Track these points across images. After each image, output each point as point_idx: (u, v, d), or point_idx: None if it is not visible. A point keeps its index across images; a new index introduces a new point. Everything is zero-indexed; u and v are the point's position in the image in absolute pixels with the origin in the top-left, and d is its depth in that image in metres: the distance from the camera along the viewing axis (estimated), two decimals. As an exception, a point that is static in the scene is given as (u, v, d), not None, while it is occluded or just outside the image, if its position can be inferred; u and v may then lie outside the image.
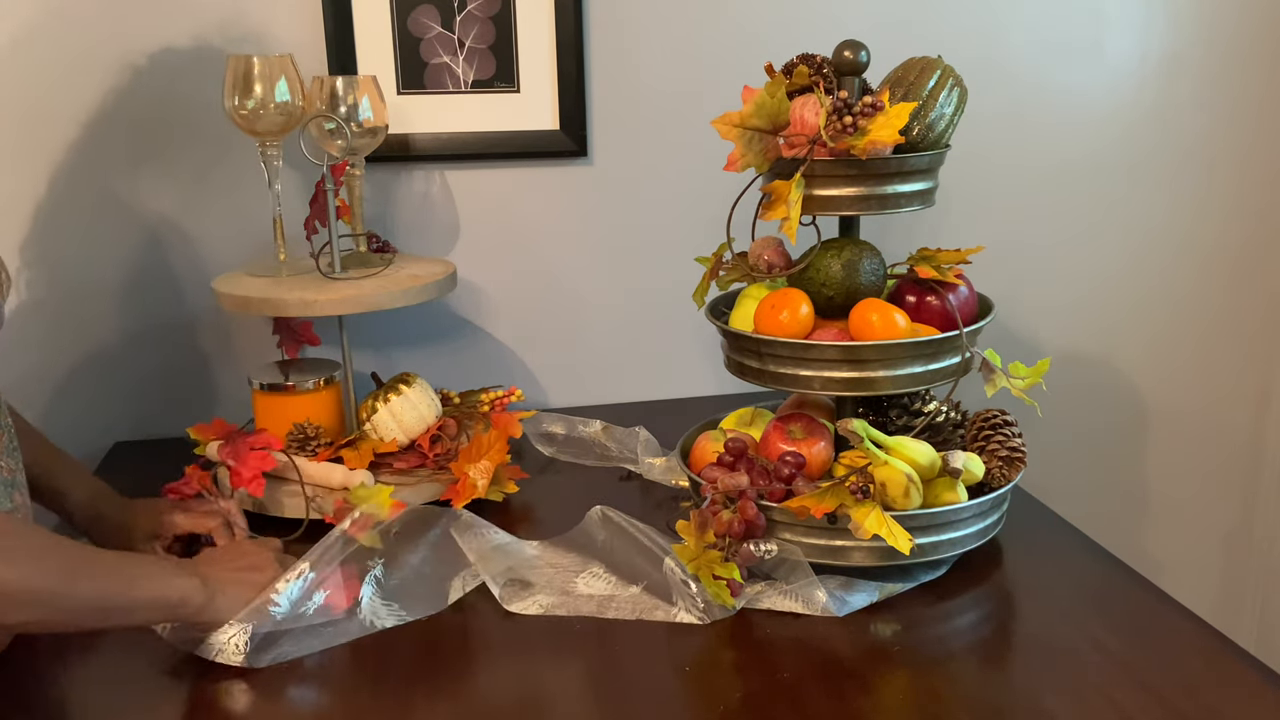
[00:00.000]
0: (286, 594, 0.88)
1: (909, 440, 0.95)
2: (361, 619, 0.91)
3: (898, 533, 0.89)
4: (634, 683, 0.82)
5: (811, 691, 0.80)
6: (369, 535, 0.97)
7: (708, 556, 0.92)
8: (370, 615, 0.91)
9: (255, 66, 1.10)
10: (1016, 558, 1.02)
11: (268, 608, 0.86)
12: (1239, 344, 1.66)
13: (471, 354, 1.43)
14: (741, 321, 1.05)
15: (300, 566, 0.90)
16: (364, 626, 0.90)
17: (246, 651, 0.84)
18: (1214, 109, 1.54)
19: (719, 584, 0.91)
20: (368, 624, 0.90)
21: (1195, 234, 1.59)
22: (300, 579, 0.89)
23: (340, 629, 0.89)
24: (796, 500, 0.92)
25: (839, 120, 0.94)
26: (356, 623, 0.90)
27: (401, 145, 1.32)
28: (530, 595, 0.94)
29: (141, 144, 1.28)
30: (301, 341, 1.28)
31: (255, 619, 0.85)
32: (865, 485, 0.91)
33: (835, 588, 0.93)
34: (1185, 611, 0.91)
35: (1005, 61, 1.46)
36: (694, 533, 0.94)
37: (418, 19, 1.29)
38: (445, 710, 0.80)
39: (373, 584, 0.94)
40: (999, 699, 0.80)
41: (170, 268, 1.32)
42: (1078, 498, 1.65)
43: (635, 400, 1.49)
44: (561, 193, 1.40)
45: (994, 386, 0.95)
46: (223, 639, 0.84)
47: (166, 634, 0.85)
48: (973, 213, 1.50)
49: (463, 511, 1.03)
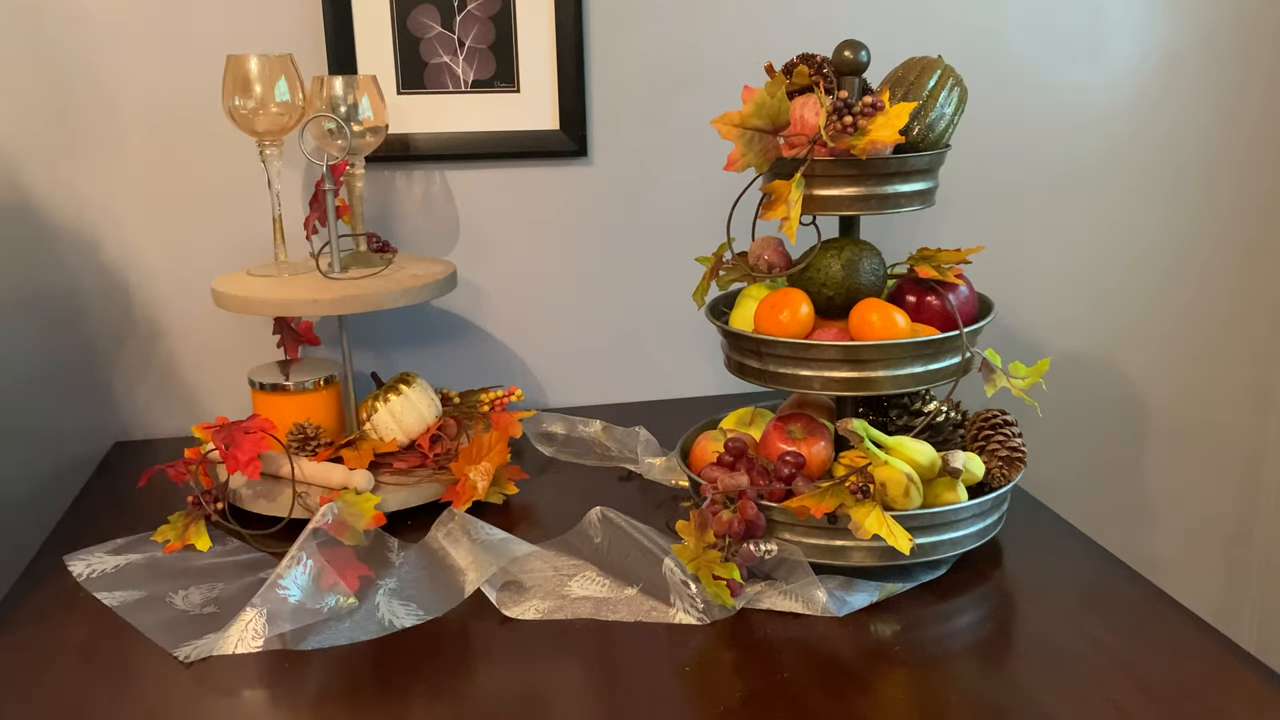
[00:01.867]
0: (291, 578, 0.90)
1: (909, 440, 0.95)
2: (380, 619, 0.91)
3: (898, 532, 0.89)
4: (634, 683, 0.82)
5: (811, 691, 0.80)
6: (351, 535, 0.98)
7: (708, 556, 0.92)
8: (389, 615, 0.92)
9: (255, 66, 1.10)
10: (1016, 558, 1.02)
11: (276, 590, 0.89)
12: (1239, 344, 1.66)
13: (471, 354, 1.43)
14: (741, 321, 1.05)
15: (294, 554, 0.92)
16: (384, 626, 0.90)
17: (265, 635, 0.86)
18: (1214, 109, 1.54)
19: (719, 584, 0.91)
20: (387, 624, 0.90)
21: (1195, 233, 1.59)
22: (300, 565, 0.91)
23: (360, 627, 0.90)
24: (796, 500, 0.92)
25: (839, 120, 0.94)
26: (376, 622, 0.91)
27: (401, 145, 1.32)
28: (526, 600, 0.94)
29: (141, 143, 1.28)
30: (301, 341, 1.28)
31: (267, 603, 0.88)
32: (865, 485, 0.91)
33: (835, 588, 0.93)
34: (1185, 611, 0.91)
35: (1005, 61, 1.46)
36: (694, 533, 0.94)
37: (418, 19, 1.29)
38: (445, 711, 0.80)
39: (387, 591, 0.95)
40: (999, 699, 0.80)
41: (170, 268, 1.32)
42: (1078, 498, 1.66)
43: (635, 400, 1.49)
44: (561, 193, 1.40)
45: (994, 386, 0.95)
46: (238, 628, 0.87)
47: (190, 658, 0.86)
48: (973, 213, 1.50)
49: (455, 513, 1.03)
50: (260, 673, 0.84)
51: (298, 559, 0.93)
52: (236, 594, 0.95)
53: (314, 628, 0.89)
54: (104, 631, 0.90)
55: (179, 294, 1.33)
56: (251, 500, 1.10)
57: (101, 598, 0.95)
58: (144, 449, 1.32)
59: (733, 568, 0.91)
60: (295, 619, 0.89)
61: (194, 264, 1.33)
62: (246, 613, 0.88)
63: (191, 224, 1.31)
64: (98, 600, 0.95)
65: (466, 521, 1.02)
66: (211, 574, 0.99)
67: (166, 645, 0.87)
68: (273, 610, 0.88)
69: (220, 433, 1.06)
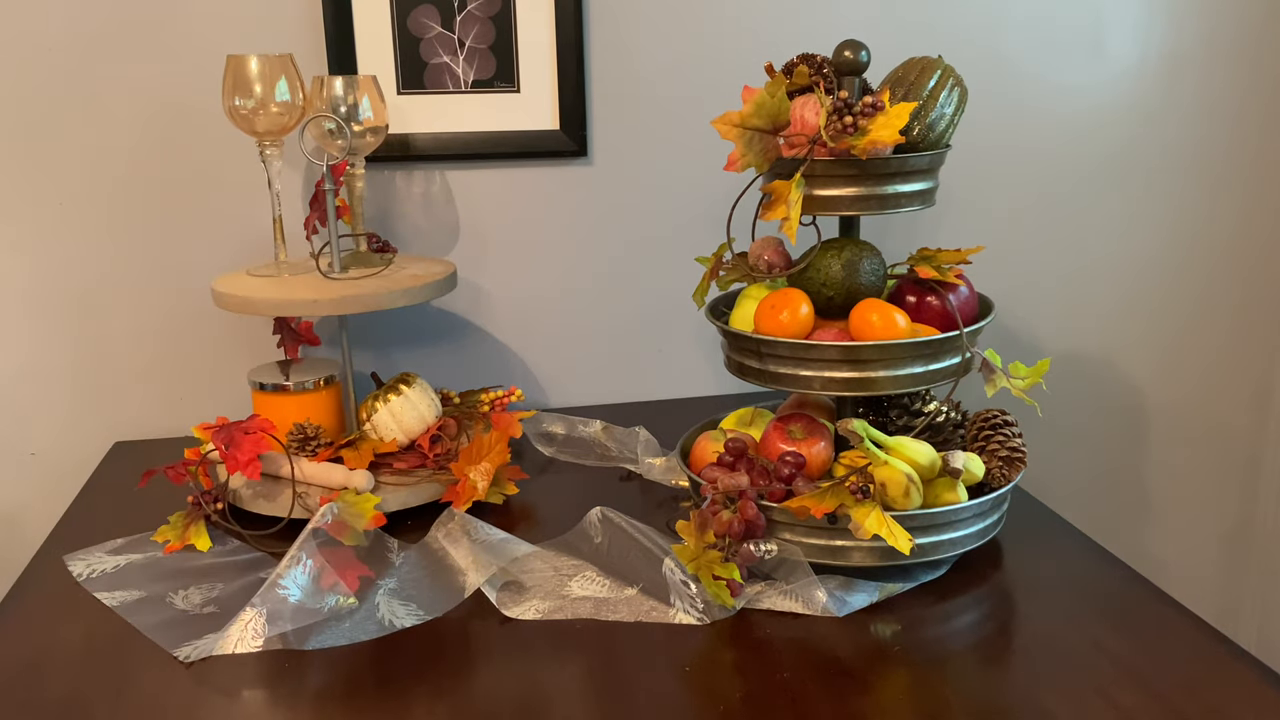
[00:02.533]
0: (291, 578, 0.90)
1: (909, 440, 0.95)
2: (380, 619, 0.91)
3: (898, 532, 0.89)
4: (634, 683, 0.82)
5: (811, 691, 0.80)
6: (351, 535, 0.99)
7: (708, 557, 0.92)
8: (389, 615, 0.92)
9: (255, 66, 1.10)
10: (1016, 558, 1.02)
11: (276, 590, 0.89)
12: (1240, 343, 1.66)
13: (471, 354, 1.43)
14: (741, 321, 1.05)
15: (293, 554, 0.93)
16: (383, 626, 0.90)
17: (265, 635, 0.87)
18: (1214, 109, 1.54)
19: (719, 584, 0.91)
20: (387, 624, 0.91)
21: (1195, 233, 1.59)
22: (300, 565, 0.92)
23: (360, 627, 0.90)
24: (796, 500, 0.92)
25: (839, 120, 0.94)
26: (376, 622, 0.91)
27: (401, 145, 1.32)
28: (526, 600, 0.94)
29: (141, 143, 1.28)
30: (301, 341, 1.28)
31: (267, 602, 0.88)
32: (865, 485, 0.91)
33: (835, 588, 0.93)
34: (1185, 611, 0.91)
35: (1005, 61, 1.46)
36: (694, 533, 0.94)
37: (418, 19, 1.29)
38: (445, 711, 0.80)
39: (387, 591, 0.95)
40: (999, 699, 0.80)
41: (170, 268, 1.32)
42: (1078, 498, 1.66)
43: (635, 400, 1.49)
44: (561, 193, 1.40)
45: (994, 387, 0.95)
46: (237, 628, 0.87)
47: (190, 658, 0.86)
48: (973, 213, 1.50)
49: (455, 513, 1.04)
50: (260, 673, 0.84)
51: (297, 559, 0.93)
52: (236, 594, 0.95)
53: (314, 628, 0.89)
54: (104, 631, 0.90)
55: (179, 294, 1.33)
56: (251, 500, 1.10)
57: (101, 598, 0.95)
58: (144, 449, 1.32)
59: (733, 568, 0.91)
60: (295, 619, 0.89)
61: (194, 264, 1.33)
62: (246, 612, 0.88)
63: (191, 224, 1.32)
64: (98, 600, 0.95)
65: (466, 522, 1.02)
66: (211, 574, 1.00)
67: (166, 645, 0.87)
68: (272, 610, 0.88)
69: (220, 433, 1.06)
